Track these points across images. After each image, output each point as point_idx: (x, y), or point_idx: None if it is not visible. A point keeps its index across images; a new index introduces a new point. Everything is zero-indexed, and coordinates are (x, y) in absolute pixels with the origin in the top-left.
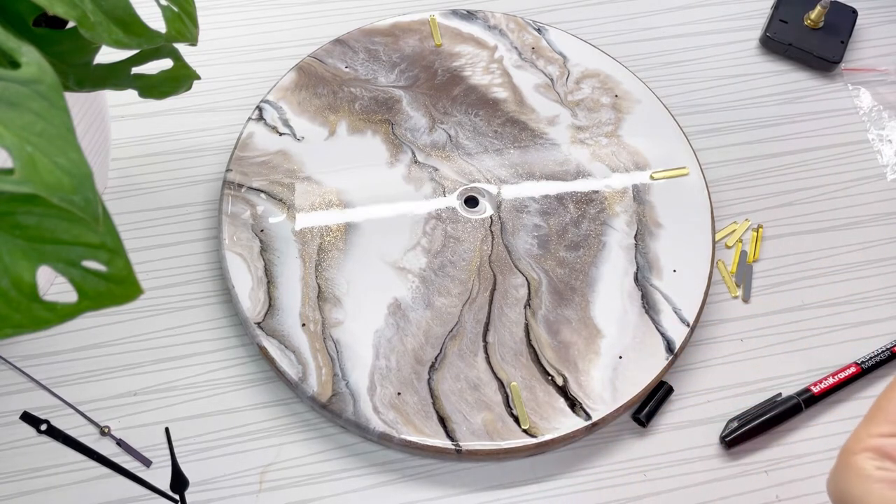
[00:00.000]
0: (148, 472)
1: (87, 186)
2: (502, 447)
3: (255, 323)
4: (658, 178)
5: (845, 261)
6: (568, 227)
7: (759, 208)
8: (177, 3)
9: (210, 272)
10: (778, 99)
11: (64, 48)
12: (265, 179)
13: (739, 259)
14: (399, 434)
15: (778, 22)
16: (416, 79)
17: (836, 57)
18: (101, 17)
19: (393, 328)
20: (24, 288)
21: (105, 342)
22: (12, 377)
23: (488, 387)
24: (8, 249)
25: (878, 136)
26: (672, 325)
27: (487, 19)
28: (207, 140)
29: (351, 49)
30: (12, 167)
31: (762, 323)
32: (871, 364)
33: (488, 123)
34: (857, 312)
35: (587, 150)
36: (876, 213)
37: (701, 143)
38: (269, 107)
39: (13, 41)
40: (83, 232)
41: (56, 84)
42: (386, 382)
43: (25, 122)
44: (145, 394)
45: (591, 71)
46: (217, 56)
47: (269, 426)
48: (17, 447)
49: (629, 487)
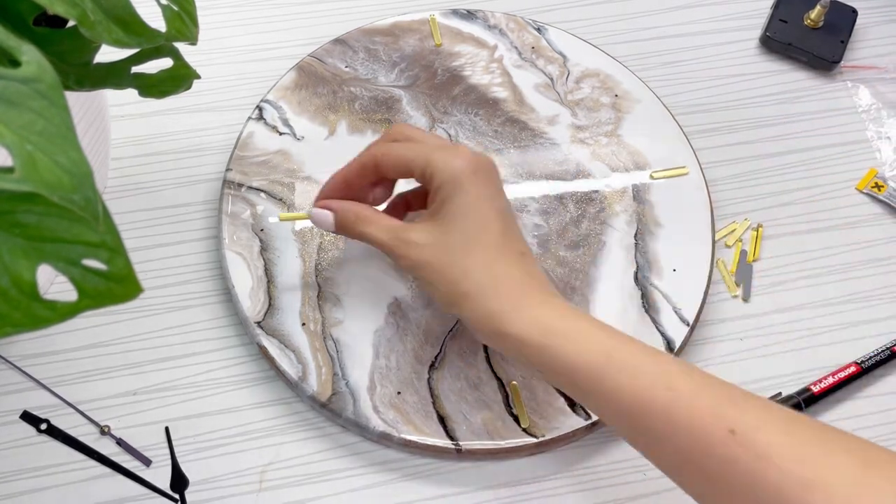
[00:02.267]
0: (148, 471)
1: (88, 185)
2: (502, 446)
3: (255, 322)
4: (658, 178)
5: (845, 260)
6: (568, 226)
7: (758, 208)
8: (177, 3)
9: (210, 272)
10: (778, 98)
11: (64, 47)
12: (265, 179)
13: (739, 258)
14: (399, 433)
15: (778, 22)
16: (416, 78)
17: (835, 56)
18: (101, 16)
19: (393, 327)
20: (24, 286)
21: (105, 342)
22: (12, 376)
23: (488, 386)
24: (8, 248)
25: (876, 133)
26: (672, 324)
27: (487, 19)
28: (207, 140)
29: (351, 49)
30: (12, 166)
31: (762, 322)
32: (871, 363)
33: (488, 123)
34: (856, 312)
35: (587, 150)
36: (875, 212)
37: (701, 142)
38: (269, 106)
39: (13, 40)
40: (83, 231)
41: (56, 83)
42: (386, 382)
43: (26, 120)
44: (145, 393)
45: (591, 70)
46: (217, 56)
47: (269, 425)
48: (16, 446)
49: (629, 487)
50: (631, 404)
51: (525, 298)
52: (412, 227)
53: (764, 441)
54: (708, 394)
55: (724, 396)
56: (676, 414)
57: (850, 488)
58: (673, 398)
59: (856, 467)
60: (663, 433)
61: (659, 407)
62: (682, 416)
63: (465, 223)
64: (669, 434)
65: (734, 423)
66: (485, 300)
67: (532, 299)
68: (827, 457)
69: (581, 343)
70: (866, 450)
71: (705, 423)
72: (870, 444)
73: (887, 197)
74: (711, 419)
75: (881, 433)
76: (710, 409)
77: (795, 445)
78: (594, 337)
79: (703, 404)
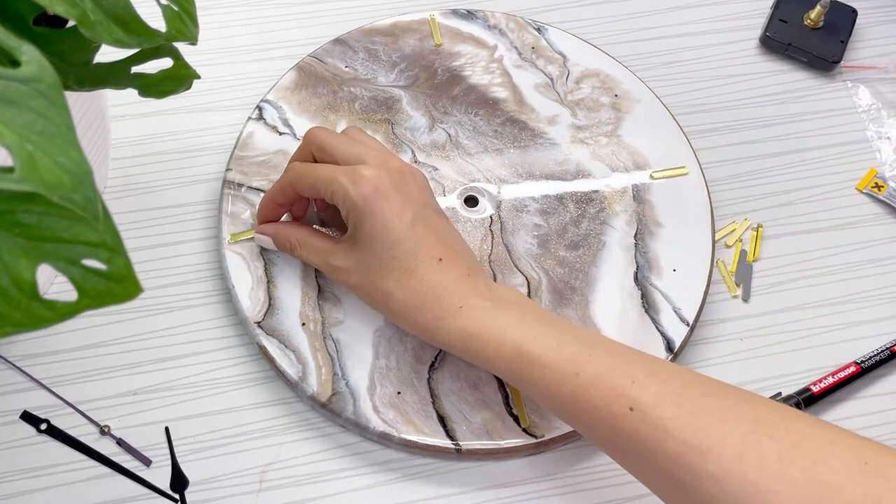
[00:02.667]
0: (148, 471)
1: (88, 185)
2: (502, 446)
3: (255, 322)
4: (658, 178)
5: (845, 260)
6: (568, 226)
7: (758, 208)
8: (177, 2)
9: (210, 271)
10: (778, 98)
11: (64, 47)
12: (265, 179)
13: (739, 258)
14: (399, 433)
15: (778, 22)
16: (416, 78)
17: (835, 56)
18: (100, 16)
19: (393, 327)
20: (24, 286)
21: (105, 342)
22: (12, 376)
23: (488, 386)
24: (8, 248)
25: (876, 133)
26: (672, 324)
27: (487, 19)
28: (207, 139)
29: (351, 49)
30: (12, 165)
31: (762, 322)
32: (871, 363)
33: (488, 123)
34: (856, 312)
35: (587, 150)
36: (875, 212)
37: (701, 142)
38: (268, 106)
39: (13, 40)
40: (83, 230)
41: (56, 83)
42: (386, 382)
43: (25, 120)
44: (145, 393)
45: (591, 70)
46: (217, 55)
47: (269, 425)
48: (16, 446)
49: (629, 487)
50: (546, 394)
51: (445, 308)
52: (337, 252)
53: (660, 416)
54: (610, 375)
55: (626, 375)
56: (583, 399)
57: (738, 448)
58: (577, 384)
59: (744, 428)
60: (578, 416)
61: (567, 394)
62: (588, 401)
63: (377, 246)
64: (582, 416)
65: (633, 401)
66: (412, 316)
67: (451, 306)
68: (719, 425)
69: (496, 344)
70: (757, 409)
71: (608, 404)
72: (764, 401)
73: (887, 197)
74: (612, 400)
75: (881, 433)
76: (611, 390)
77: (689, 417)
78: (507, 335)
79: (605, 386)
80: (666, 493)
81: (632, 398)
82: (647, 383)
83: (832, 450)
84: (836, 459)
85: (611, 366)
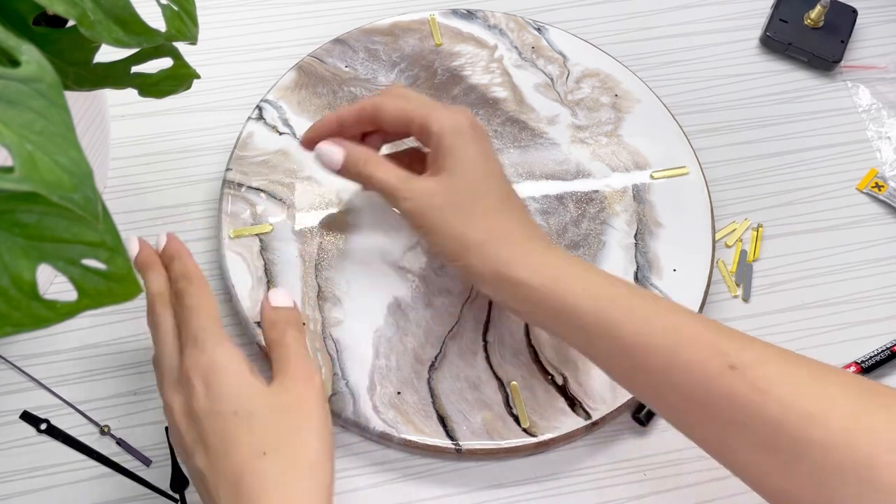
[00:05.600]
0: (148, 471)
1: (87, 185)
2: (502, 446)
3: (255, 322)
4: (658, 178)
5: (845, 260)
6: (568, 226)
7: (758, 208)
8: (177, 2)
9: (210, 271)
10: (778, 98)
11: (64, 47)
12: (265, 179)
13: (739, 258)
14: (399, 433)
15: (778, 21)
16: (416, 78)
17: (835, 56)
18: (100, 16)
19: (393, 327)
20: (23, 286)
21: (105, 342)
22: (12, 376)
23: (488, 386)
24: (8, 248)
25: (876, 133)
26: None
27: (487, 19)
28: (207, 139)
29: (351, 48)
30: (12, 165)
31: (762, 322)
32: (871, 363)
33: (488, 123)
34: (856, 312)
35: (587, 150)
36: (875, 212)
37: (701, 142)
38: (268, 106)
39: (13, 40)
40: (83, 230)
41: (56, 82)
42: (386, 382)
43: (25, 120)
44: (145, 393)
45: (591, 70)
46: (217, 55)
47: None
48: (16, 446)
49: (629, 487)
50: (634, 343)
51: (533, 246)
52: (415, 178)
53: (763, 376)
54: (709, 333)
55: (725, 335)
56: (676, 351)
57: (848, 421)
58: (674, 337)
59: (853, 400)
60: (664, 371)
61: (660, 344)
62: (683, 354)
63: (472, 174)
64: (670, 371)
65: (734, 359)
66: (494, 247)
67: (539, 247)
68: (826, 390)
69: (587, 287)
70: (862, 385)
71: (705, 360)
72: (866, 380)
73: (887, 197)
74: (712, 356)
75: None
76: (711, 346)
77: (794, 380)
78: (599, 281)
79: (704, 341)
80: (757, 462)
81: (733, 355)
82: (747, 344)
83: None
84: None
85: (710, 325)
